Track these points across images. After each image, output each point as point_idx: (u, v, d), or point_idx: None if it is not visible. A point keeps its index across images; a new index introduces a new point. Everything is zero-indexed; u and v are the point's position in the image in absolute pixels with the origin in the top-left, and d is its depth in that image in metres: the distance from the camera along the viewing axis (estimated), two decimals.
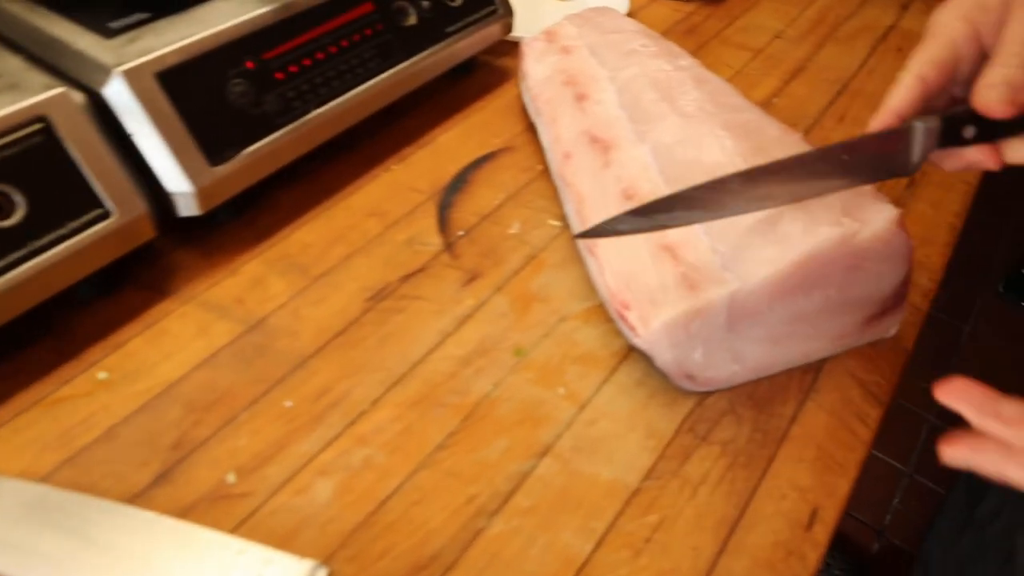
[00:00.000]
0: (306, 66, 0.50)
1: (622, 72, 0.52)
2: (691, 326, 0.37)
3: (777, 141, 0.44)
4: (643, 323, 0.38)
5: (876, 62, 0.70)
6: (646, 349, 0.39)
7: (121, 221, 0.42)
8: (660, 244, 0.40)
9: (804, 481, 0.37)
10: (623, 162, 0.46)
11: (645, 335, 0.38)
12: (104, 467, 0.37)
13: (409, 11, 0.56)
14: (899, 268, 0.41)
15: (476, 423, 0.40)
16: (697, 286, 0.38)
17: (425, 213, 0.52)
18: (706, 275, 0.38)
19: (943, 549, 0.83)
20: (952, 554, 0.79)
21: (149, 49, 0.44)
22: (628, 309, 0.39)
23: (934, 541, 0.88)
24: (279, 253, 0.49)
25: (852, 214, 0.38)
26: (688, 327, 0.37)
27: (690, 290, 0.38)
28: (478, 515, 0.36)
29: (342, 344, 0.43)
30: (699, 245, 0.39)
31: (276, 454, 0.38)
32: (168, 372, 0.42)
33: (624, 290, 0.40)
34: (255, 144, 0.47)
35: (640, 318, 0.39)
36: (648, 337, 0.38)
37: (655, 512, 0.36)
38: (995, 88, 0.33)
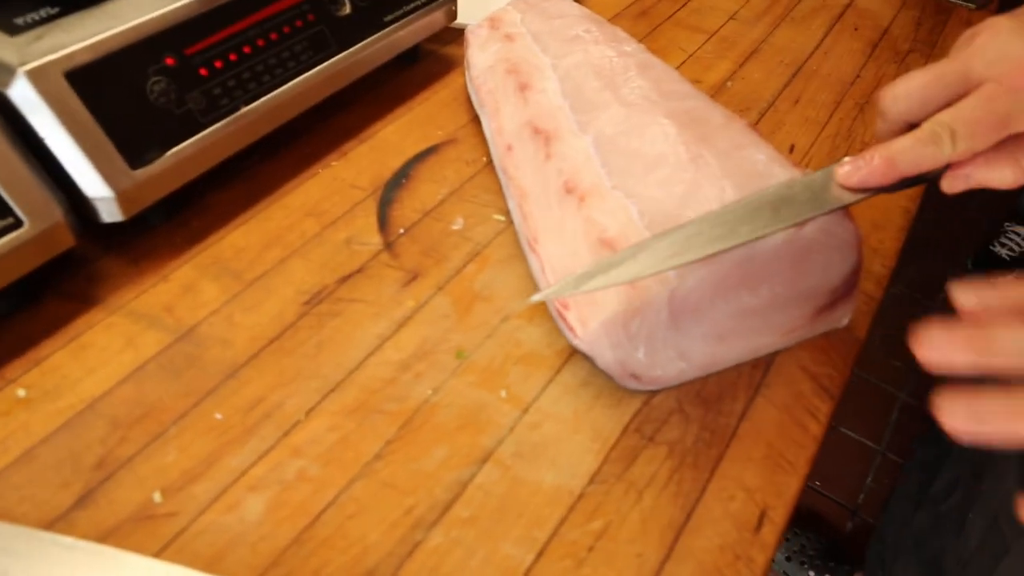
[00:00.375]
0: (232, 61, 0.48)
1: (564, 60, 0.50)
2: (631, 325, 0.36)
3: (722, 128, 0.42)
4: (581, 324, 0.37)
5: (832, 42, 0.69)
6: (586, 350, 0.38)
7: (35, 230, 0.40)
8: (599, 239, 0.38)
9: (753, 481, 0.36)
10: (565, 154, 0.44)
11: (584, 336, 0.37)
12: (21, 491, 0.35)
13: (343, 0, 0.54)
14: (848, 257, 0.39)
15: (415, 430, 0.38)
16: (635, 284, 0.36)
17: (365, 211, 0.50)
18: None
19: (898, 526, 0.84)
20: (908, 530, 0.80)
21: (57, 46, 0.41)
22: (567, 309, 0.38)
23: (889, 518, 0.88)
24: (212, 257, 0.47)
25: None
26: (627, 326, 0.36)
27: (628, 287, 0.36)
28: (416, 527, 0.35)
29: (276, 351, 0.42)
30: (639, 238, 0.38)
31: (205, 470, 0.36)
32: (92, 387, 0.40)
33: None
34: (179, 145, 0.45)
35: (579, 319, 0.37)
36: (587, 338, 0.37)
37: (599, 518, 0.35)
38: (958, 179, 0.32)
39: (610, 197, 0.40)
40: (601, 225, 0.39)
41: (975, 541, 0.65)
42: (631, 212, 0.39)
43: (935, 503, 0.77)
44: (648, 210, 0.38)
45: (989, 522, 0.64)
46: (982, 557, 0.63)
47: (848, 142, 0.58)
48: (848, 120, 0.60)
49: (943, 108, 0.32)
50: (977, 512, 0.67)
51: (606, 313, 0.36)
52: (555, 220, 0.42)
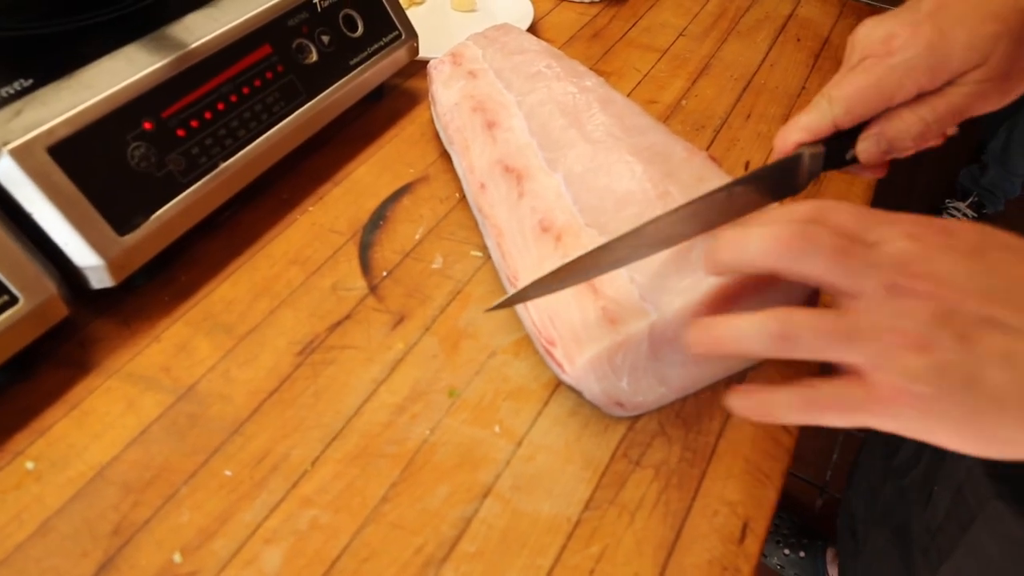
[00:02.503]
0: (208, 119, 0.49)
1: (528, 97, 0.53)
2: (615, 359, 0.39)
3: (684, 163, 0.45)
4: (569, 360, 0.40)
5: (777, 55, 0.73)
6: (574, 384, 0.40)
7: (30, 306, 0.41)
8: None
9: (734, 496, 0.39)
10: (537, 192, 0.46)
11: (572, 372, 0.40)
12: (42, 564, 0.37)
13: (309, 48, 0.55)
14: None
15: (416, 472, 0.40)
16: (617, 320, 0.39)
17: (347, 255, 0.52)
18: (626, 307, 0.39)
19: (866, 498, 0.88)
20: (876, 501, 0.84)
21: (37, 122, 0.42)
22: (554, 346, 0.41)
23: (856, 490, 0.93)
24: (202, 313, 0.48)
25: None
26: (612, 360, 0.39)
27: (611, 324, 0.39)
28: (427, 565, 0.37)
29: (277, 403, 0.43)
30: (617, 277, 0.41)
31: (221, 527, 0.38)
32: (99, 454, 0.41)
33: (549, 327, 0.41)
34: (164, 207, 0.46)
35: (565, 355, 0.40)
36: (575, 374, 0.40)
37: (596, 542, 0.38)
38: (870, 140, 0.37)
39: (584, 235, 0.43)
40: None
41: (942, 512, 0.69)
42: None
43: (900, 475, 0.81)
44: None
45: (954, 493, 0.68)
46: (949, 526, 0.67)
47: None
48: None
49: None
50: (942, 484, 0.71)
51: (592, 349, 0.39)
52: (533, 259, 0.44)
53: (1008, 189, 1.81)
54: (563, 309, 0.41)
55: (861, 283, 0.28)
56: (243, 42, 0.51)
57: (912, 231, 0.29)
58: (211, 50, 0.50)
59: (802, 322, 0.28)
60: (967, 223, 0.29)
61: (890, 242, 0.28)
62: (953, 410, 0.27)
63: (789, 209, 0.31)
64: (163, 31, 0.49)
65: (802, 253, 0.28)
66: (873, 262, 0.28)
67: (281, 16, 0.54)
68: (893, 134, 0.37)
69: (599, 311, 0.40)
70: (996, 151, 1.76)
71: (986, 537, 0.62)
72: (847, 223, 0.29)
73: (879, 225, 0.29)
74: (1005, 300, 0.27)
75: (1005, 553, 0.59)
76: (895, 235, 0.29)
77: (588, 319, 0.40)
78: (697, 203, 0.36)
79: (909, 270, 0.27)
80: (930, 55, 0.35)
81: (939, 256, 0.28)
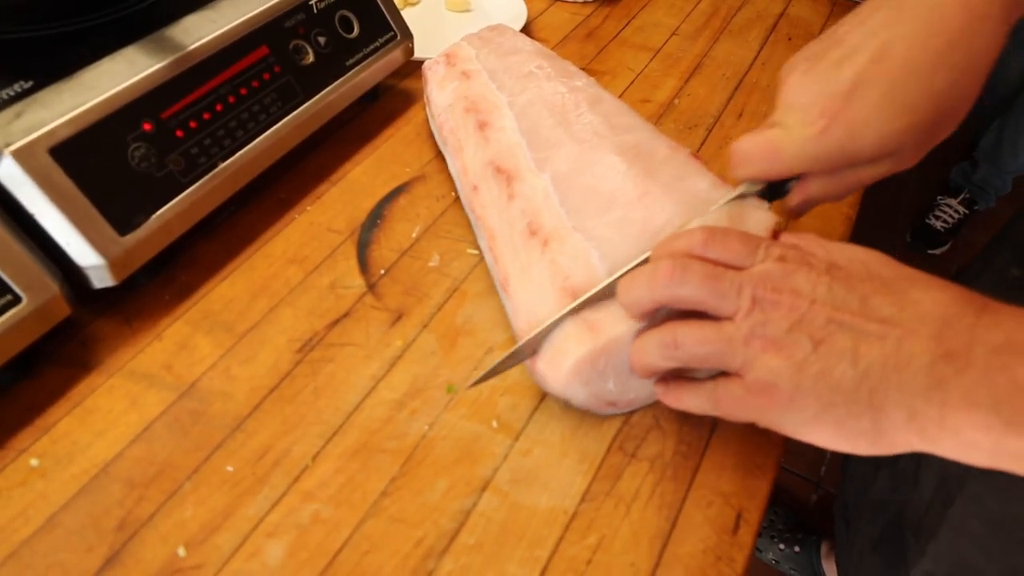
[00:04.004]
0: (206, 120, 0.49)
1: (520, 97, 0.53)
2: (598, 363, 0.39)
3: (667, 161, 0.45)
4: (553, 370, 0.40)
5: (768, 54, 0.73)
6: (560, 393, 0.41)
7: (33, 305, 0.41)
8: (563, 287, 0.41)
9: (727, 487, 0.40)
10: (526, 194, 0.47)
11: (556, 381, 0.40)
12: (48, 559, 0.37)
13: (306, 50, 0.56)
14: None
15: (416, 466, 0.41)
16: (596, 327, 0.39)
17: (345, 254, 0.52)
18: (604, 314, 0.39)
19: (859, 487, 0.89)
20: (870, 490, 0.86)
21: (38, 124, 0.42)
22: (536, 359, 0.41)
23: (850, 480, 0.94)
24: (202, 312, 0.49)
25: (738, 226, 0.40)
26: (595, 364, 0.39)
27: (591, 332, 0.39)
28: (427, 557, 0.38)
29: (277, 400, 0.44)
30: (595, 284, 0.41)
31: (224, 521, 0.39)
32: (103, 451, 0.41)
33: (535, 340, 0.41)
34: (164, 207, 0.47)
35: (550, 366, 0.40)
36: (560, 382, 0.40)
37: (593, 534, 0.39)
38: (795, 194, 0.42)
39: (570, 240, 0.43)
40: (564, 271, 0.42)
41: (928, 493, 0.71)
42: (591, 257, 0.41)
43: (892, 463, 0.82)
44: (608, 253, 0.41)
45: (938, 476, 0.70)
46: (935, 506, 0.68)
47: None
48: None
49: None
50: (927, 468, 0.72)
51: (574, 357, 0.39)
52: (522, 264, 0.44)
53: (999, 186, 1.83)
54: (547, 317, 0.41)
55: (732, 302, 0.33)
56: (241, 43, 0.52)
57: (782, 253, 0.34)
58: (209, 51, 0.50)
59: (686, 333, 0.34)
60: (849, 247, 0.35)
61: (760, 264, 0.34)
62: (812, 404, 0.31)
63: (687, 235, 0.36)
64: (162, 33, 0.50)
65: (678, 283, 0.34)
66: (740, 283, 0.33)
67: (278, 17, 0.54)
68: (813, 193, 0.41)
69: (579, 321, 0.40)
70: (987, 148, 1.78)
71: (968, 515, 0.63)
72: (732, 247, 0.35)
73: (759, 250, 0.35)
74: (850, 308, 0.32)
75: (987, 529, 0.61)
76: (767, 257, 0.34)
77: (568, 331, 0.40)
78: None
79: (771, 285, 0.33)
80: (839, 153, 0.37)
81: (798, 273, 0.33)
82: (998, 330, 0.30)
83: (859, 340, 0.31)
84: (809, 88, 0.38)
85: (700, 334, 0.34)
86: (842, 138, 0.37)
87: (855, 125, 0.36)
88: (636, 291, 0.36)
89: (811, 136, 0.37)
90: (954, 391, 0.29)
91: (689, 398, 0.37)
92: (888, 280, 0.33)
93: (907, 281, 0.32)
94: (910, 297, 0.32)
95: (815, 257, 0.34)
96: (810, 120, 0.37)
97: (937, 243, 1.85)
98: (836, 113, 0.36)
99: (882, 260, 0.34)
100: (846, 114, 0.36)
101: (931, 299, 0.31)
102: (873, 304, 0.32)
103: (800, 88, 0.38)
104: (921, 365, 0.30)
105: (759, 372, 0.32)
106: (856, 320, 0.31)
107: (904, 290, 0.32)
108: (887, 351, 0.30)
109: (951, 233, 1.86)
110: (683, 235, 0.36)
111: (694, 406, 0.37)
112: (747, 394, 0.33)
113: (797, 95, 0.38)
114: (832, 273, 0.33)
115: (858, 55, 0.36)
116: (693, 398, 0.37)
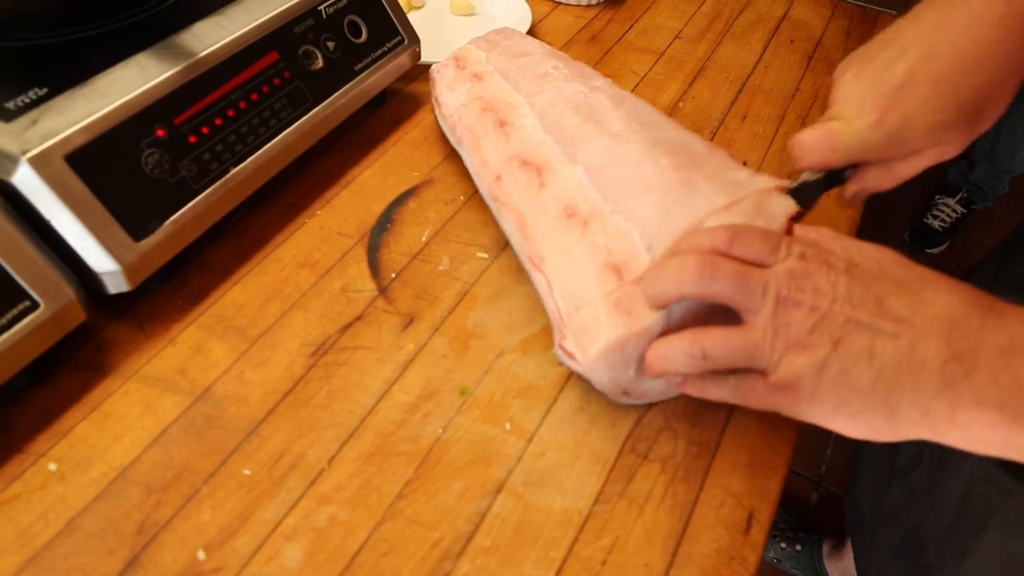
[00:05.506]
0: (218, 125, 0.50)
1: (538, 97, 0.53)
2: (626, 348, 0.40)
3: (705, 156, 0.45)
4: (581, 350, 0.40)
5: (771, 56, 0.74)
6: (584, 373, 0.41)
7: (51, 311, 0.42)
8: (605, 263, 0.41)
9: (739, 487, 0.41)
10: (558, 182, 0.47)
11: (584, 361, 0.40)
12: (69, 562, 0.38)
13: (315, 55, 0.56)
14: None
15: (431, 468, 0.42)
16: (632, 311, 0.39)
17: (356, 258, 0.53)
18: (637, 298, 0.39)
19: (872, 494, 0.89)
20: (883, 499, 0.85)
21: (54, 131, 0.43)
22: (564, 338, 0.41)
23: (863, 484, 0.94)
24: (215, 316, 0.49)
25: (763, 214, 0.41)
26: (624, 349, 0.39)
27: (625, 316, 0.39)
28: (444, 559, 0.38)
29: (292, 404, 0.44)
30: (641, 263, 0.41)
31: (242, 525, 0.39)
32: (120, 455, 0.42)
33: (571, 311, 0.42)
34: (177, 212, 0.47)
35: (577, 346, 0.41)
36: (587, 363, 0.40)
37: (607, 535, 0.39)
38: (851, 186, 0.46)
39: (611, 221, 0.43)
40: (607, 249, 0.42)
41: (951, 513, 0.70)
42: (633, 235, 0.42)
43: (904, 474, 0.82)
44: (648, 232, 0.41)
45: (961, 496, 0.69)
46: (961, 527, 0.67)
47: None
48: (792, 134, 0.65)
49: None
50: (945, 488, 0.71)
51: (604, 340, 0.39)
52: (560, 243, 0.44)
53: (996, 186, 1.84)
54: (585, 293, 0.41)
55: (757, 301, 0.34)
56: (251, 49, 0.52)
57: (803, 251, 0.35)
58: (220, 58, 0.50)
59: (713, 343, 0.36)
60: (863, 244, 0.36)
61: (782, 262, 0.35)
62: (832, 400, 0.33)
63: (710, 233, 0.37)
64: (173, 39, 0.50)
65: (709, 280, 0.35)
66: (766, 281, 0.34)
67: (288, 23, 0.55)
68: (867, 182, 0.45)
69: (613, 303, 0.40)
70: (985, 148, 1.78)
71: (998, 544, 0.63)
72: (755, 245, 0.36)
73: (780, 247, 0.36)
74: (866, 307, 0.33)
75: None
76: (788, 255, 0.35)
77: (599, 312, 0.40)
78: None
79: (794, 284, 0.34)
80: (892, 142, 0.41)
81: (819, 272, 0.34)
82: (1003, 333, 0.31)
83: (875, 339, 0.32)
84: (863, 85, 0.41)
85: (728, 345, 0.35)
86: (895, 128, 0.40)
87: (906, 116, 0.40)
88: (664, 284, 0.37)
89: (867, 126, 0.41)
90: (963, 391, 0.31)
91: (712, 389, 0.38)
92: (902, 280, 0.34)
93: (920, 282, 0.34)
94: (923, 298, 0.33)
95: (834, 255, 0.35)
96: (865, 112, 0.41)
97: (935, 242, 1.86)
98: (889, 106, 0.40)
99: (895, 259, 0.35)
100: (898, 107, 0.40)
101: (942, 301, 0.33)
102: (888, 304, 0.33)
103: (854, 85, 0.42)
104: (933, 367, 0.31)
105: (783, 372, 0.34)
106: (872, 319, 0.33)
107: (917, 291, 0.33)
108: (901, 351, 0.32)
109: (949, 232, 1.86)
110: (706, 232, 0.38)
111: (716, 396, 0.38)
112: (770, 390, 0.35)
113: (852, 91, 0.42)
114: (850, 272, 0.34)
115: (908, 55, 0.40)
116: (716, 389, 0.38)
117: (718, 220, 0.41)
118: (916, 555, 0.74)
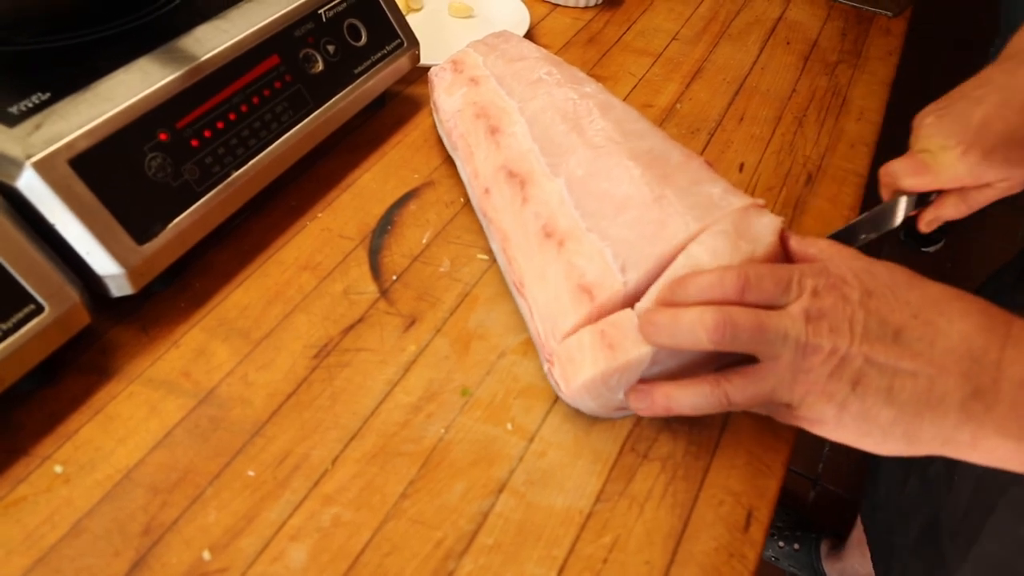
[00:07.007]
0: (220, 129, 0.50)
1: (530, 103, 0.54)
2: (610, 380, 0.40)
3: (681, 167, 0.46)
4: (565, 382, 0.41)
5: (767, 58, 0.75)
6: (569, 402, 0.42)
7: (55, 314, 0.42)
8: (578, 284, 0.42)
9: (738, 486, 0.41)
10: (540, 197, 0.48)
11: (568, 392, 0.41)
12: (76, 563, 0.38)
13: (316, 58, 0.57)
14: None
15: (433, 469, 0.42)
16: (616, 345, 0.39)
17: (357, 260, 0.53)
18: (625, 333, 0.39)
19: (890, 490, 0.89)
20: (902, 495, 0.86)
21: (58, 135, 0.43)
22: (552, 365, 0.42)
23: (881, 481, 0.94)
24: (218, 319, 0.49)
25: (745, 236, 0.41)
26: (607, 382, 0.40)
27: (609, 350, 0.39)
28: (447, 558, 0.39)
29: (295, 406, 0.45)
30: (614, 284, 0.41)
31: (247, 526, 0.40)
32: (125, 457, 0.42)
33: (550, 338, 0.42)
34: (180, 216, 0.47)
35: (562, 376, 0.41)
36: (570, 394, 0.41)
37: (608, 533, 0.40)
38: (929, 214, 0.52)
39: (586, 240, 0.44)
40: (580, 270, 0.43)
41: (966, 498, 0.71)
42: (606, 256, 0.42)
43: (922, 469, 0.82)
44: (621, 252, 0.42)
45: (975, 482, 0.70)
46: (974, 512, 0.68)
47: (791, 157, 0.63)
48: (789, 135, 0.66)
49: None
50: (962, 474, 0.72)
51: (587, 374, 0.39)
52: (537, 265, 0.45)
53: None
54: (560, 317, 0.42)
55: (777, 348, 0.35)
56: (252, 53, 0.53)
57: (815, 286, 0.36)
58: (222, 61, 0.51)
59: (737, 392, 0.37)
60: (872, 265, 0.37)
61: (796, 301, 0.36)
62: (853, 431, 0.35)
63: (720, 279, 0.37)
64: (175, 43, 0.51)
65: (729, 339, 0.36)
66: (785, 330, 0.35)
67: (288, 27, 0.55)
68: (945, 207, 0.50)
69: (598, 334, 0.40)
70: None
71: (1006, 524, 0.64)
72: (767, 288, 0.36)
73: (792, 286, 0.36)
74: (883, 343, 0.34)
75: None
76: (800, 292, 0.36)
77: (584, 341, 0.40)
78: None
79: (811, 328, 0.35)
80: (973, 173, 0.46)
81: (834, 310, 0.35)
82: (1022, 364, 0.33)
83: (893, 379, 0.34)
84: (945, 126, 0.46)
85: (749, 391, 0.37)
86: (975, 160, 0.45)
87: (985, 151, 0.45)
88: (679, 338, 0.37)
89: (953, 157, 0.46)
90: (986, 424, 0.33)
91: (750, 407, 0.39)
92: (917, 308, 0.35)
93: (934, 308, 0.35)
94: (938, 328, 0.34)
95: (847, 285, 0.36)
96: (950, 146, 0.46)
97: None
98: (971, 142, 0.45)
99: (908, 281, 0.37)
100: (978, 143, 0.45)
101: (957, 331, 0.34)
102: (905, 338, 0.34)
103: (937, 127, 0.47)
104: (953, 403, 0.33)
105: (805, 411, 0.36)
106: (890, 358, 0.34)
107: (931, 320, 0.35)
108: (920, 389, 0.33)
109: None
110: (715, 277, 0.37)
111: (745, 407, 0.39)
112: (797, 420, 0.37)
113: (935, 132, 0.47)
114: (865, 305, 0.35)
115: (984, 102, 0.46)
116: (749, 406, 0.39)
117: (702, 247, 0.40)
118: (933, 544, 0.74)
